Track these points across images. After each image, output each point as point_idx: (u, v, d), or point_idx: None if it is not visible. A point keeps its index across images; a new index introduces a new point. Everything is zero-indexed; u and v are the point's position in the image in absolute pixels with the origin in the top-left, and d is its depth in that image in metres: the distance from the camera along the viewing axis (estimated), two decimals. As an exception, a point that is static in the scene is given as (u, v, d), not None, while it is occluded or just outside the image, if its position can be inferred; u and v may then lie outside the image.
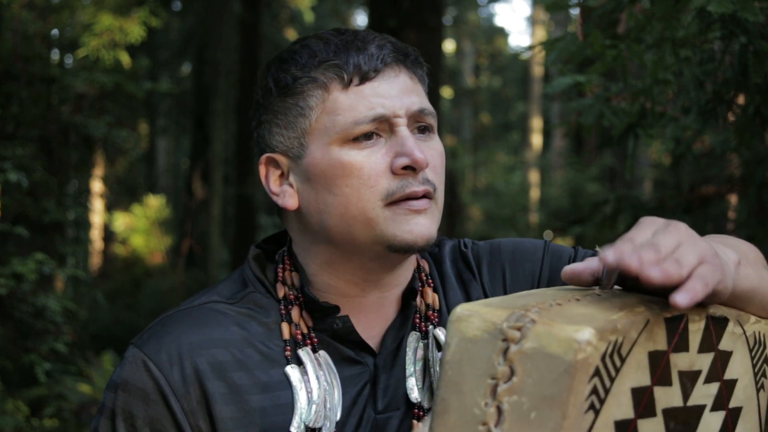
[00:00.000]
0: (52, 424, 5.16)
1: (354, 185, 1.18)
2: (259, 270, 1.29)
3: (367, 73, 1.20)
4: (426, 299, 1.31)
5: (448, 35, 21.98)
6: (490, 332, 0.87)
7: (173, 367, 1.18)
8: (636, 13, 2.31)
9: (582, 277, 0.98)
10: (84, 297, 8.51)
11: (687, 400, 0.98)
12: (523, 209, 16.58)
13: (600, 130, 2.97)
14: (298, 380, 1.20)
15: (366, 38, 1.22)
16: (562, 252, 1.36)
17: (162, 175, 18.86)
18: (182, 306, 1.26)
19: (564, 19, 18.42)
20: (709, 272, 0.91)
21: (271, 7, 12.92)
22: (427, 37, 6.99)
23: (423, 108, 1.22)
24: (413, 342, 1.27)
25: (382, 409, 1.24)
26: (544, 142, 20.44)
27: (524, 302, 0.90)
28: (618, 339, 0.87)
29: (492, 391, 0.86)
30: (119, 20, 5.14)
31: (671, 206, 3.58)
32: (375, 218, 1.18)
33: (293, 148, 1.23)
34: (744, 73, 2.17)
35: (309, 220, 1.24)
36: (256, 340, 1.22)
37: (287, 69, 1.23)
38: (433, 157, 1.22)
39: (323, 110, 1.20)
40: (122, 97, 4.92)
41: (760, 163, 2.96)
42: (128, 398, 1.18)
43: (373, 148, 1.19)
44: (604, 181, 12.84)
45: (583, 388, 0.84)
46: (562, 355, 0.83)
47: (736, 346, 1.06)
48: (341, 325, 1.23)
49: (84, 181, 6.44)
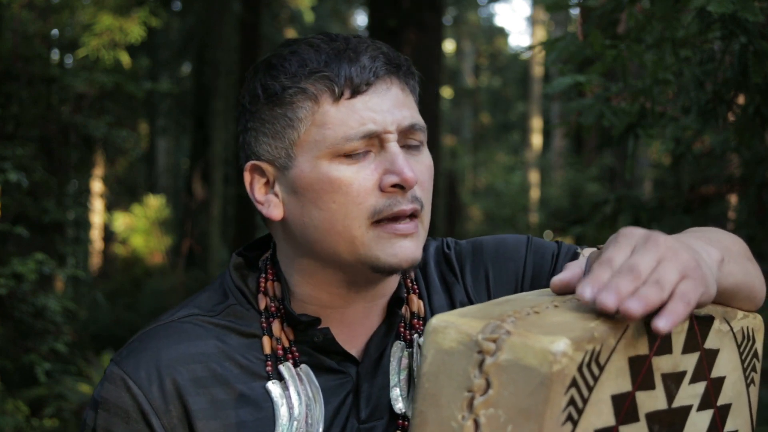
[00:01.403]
0: (52, 424, 5.16)
1: (341, 201, 1.16)
2: (240, 279, 1.26)
3: (359, 87, 1.16)
4: (411, 307, 1.29)
5: (448, 35, 21.97)
6: (465, 344, 0.86)
7: (152, 384, 1.16)
8: (636, 13, 2.31)
9: (572, 287, 0.96)
10: (84, 297, 8.51)
11: (672, 402, 0.97)
12: (523, 209, 16.58)
13: (600, 130, 2.97)
14: (279, 396, 1.19)
15: (358, 48, 1.19)
16: (545, 248, 1.34)
17: (162, 175, 18.86)
18: (161, 320, 1.24)
19: (564, 19, 18.42)
20: (690, 288, 0.90)
21: (271, 7, 12.92)
22: (427, 37, 6.99)
23: (414, 123, 1.19)
24: (398, 351, 1.25)
25: (365, 418, 1.22)
26: (544, 142, 20.43)
27: (500, 311, 0.89)
28: (595, 348, 0.86)
29: (469, 403, 0.85)
30: (119, 20, 5.14)
31: (671, 206, 3.58)
32: (359, 237, 1.16)
33: (280, 158, 1.20)
34: (744, 73, 2.17)
35: (293, 232, 1.21)
36: (236, 353, 1.20)
37: (276, 76, 1.19)
38: (422, 172, 1.20)
39: (312, 122, 1.17)
40: (122, 97, 4.92)
41: (760, 163, 2.97)
42: (108, 417, 1.17)
43: (363, 164, 1.16)
44: (604, 181, 12.85)
45: (560, 399, 0.83)
46: (538, 367, 0.82)
47: (723, 343, 1.05)
48: (322, 339, 1.21)
49: (84, 181, 6.44)
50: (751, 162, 3.06)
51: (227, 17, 10.67)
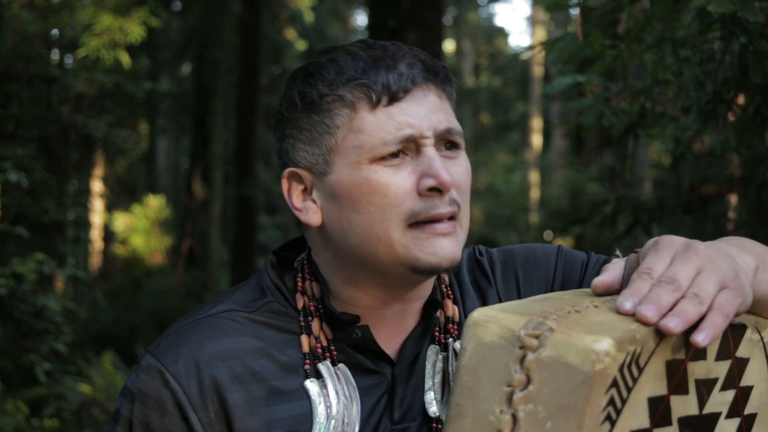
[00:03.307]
0: (52, 424, 5.16)
1: (379, 204, 1.16)
2: (278, 278, 1.27)
3: (396, 94, 1.17)
4: (446, 311, 1.30)
5: (448, 35, 21.97)
6: (507, 339, 0.86)
7: (191, 379, 1.17)
8: (636, 13, 2.31)
9: (613, 289, 0.98)
10: (84, 297, 8.51)
11: (703, 408, 0.97)
12: (523, 209, 16.57)
13: (600, 130, 2.97)
14: (317, 394, 1.19)
15: (395, 55, 1.20)
16: (575, 258, 1.35)
17: (162, 175, 18.85)
18: (198, 315, 1.24)
19: (564, 19, 18.41)
20: (729, 300, 0.91)
21: (271, 7, 12.92)
22: (427, 37, 6.99)
23: (450, 128, 1.21)
24: (432, 355, 1.26)
25: (399, 419, 1.23)
26: (544, 142, 20.42)
27: (542, 308, 0.89)
28: (636, 349, 0.86)
29: (508, 398, 0.85)
30: (119, 20, 5.14)
31: (671, 206, 3.58)
32: (398, 239, 1.17)
33: (318, 164, 1.21)
34: (744, 73, 2.17)
35: (332, 237, 1.22)
36: (274, 350, 1.21)
37: (314, 84, 1.20)
38: (460, 175, 1.21)
39: (350, 129, 1.18)
40: (122, 97, 4.92)
41: (760, 163, 2.96)
42: (145, 409, 1.17)
43: (400, 167, 1.17)
44: (604, 181, 12.84)
45: (600, 399, 0.83)
46: (580, 366, 0.82)
47: (753, 353, 1.06)
48: (361, 335, 1.22)
49: (84, 181, 6.44)
50: (751, 162, 3.06)
51: (227, 17, 10.66)
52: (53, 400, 5.24)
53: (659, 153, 3.88)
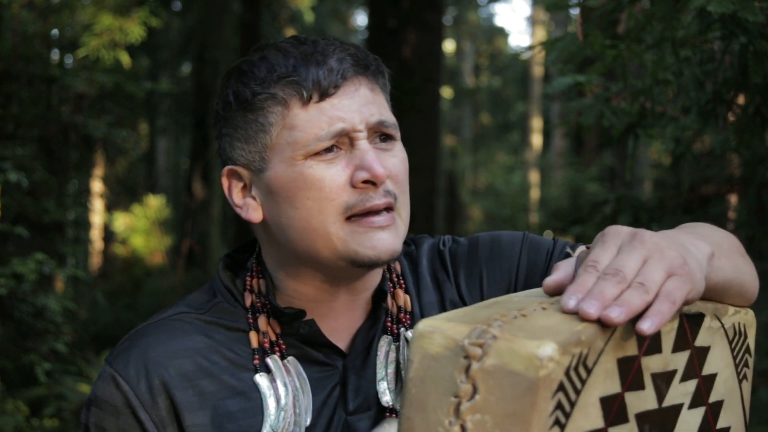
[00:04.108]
0: (52, 424, 5.16)
1: (315, 198, 1.18)
2: (229, 279, 1.30)
3: (327, 89, 1.19)
4: (398, 301, 1.31)
5: (448, 35, 21.97)
6: (451, 349, 0.86)
7: (140, 380, 1.20)
8: (636, 13, 2.31)
9: (564, 288, 0.96)
10: (84, 297, 8.51)
11: (662, 401, 0.97)
12: (523, 209, 16.58)
13: (600, 130, 2.97)
14: (267, 387, 1.22)
15: (326, 50, 1.21)
16: (540, 244, 1.35)
17: (162, 175, 18.86)
18: (151, 320, 1.28)
19: (564, 19, 18.42)
20: (677, 287, 0.89)
21: (271, 7, 12.92)
22: (427, 37, 6.99)
23: (383, 120, 1.22)
24: (384, 345, 1.28)
25: (353, 410, 1.24)
26: (544, 142, 20.43)
27: (487, 314, 0.88)
28: (583, 351, 0.85)
29: (455, 409, 0.85)
30: (119, 20, 5.14)
31: (671, 206, 3.58)
32: (335, 233, 1.19)
33: (254, 161, 1.23)
34: (744, 73, 2.17)
35: (273, 233, 1.25)
36: (223, 347, 1.24)
37: (246, 83, 1.22)
38: (395, 166, 1.22)
39: (284, 126, 1.20)
40: (122, 97, 4.92)
41: (760, 163, 2.96)
42: (100, 414, 1.21)
43: (334, 162, 1.19)
44: (604, 181, 12.84)
45: (547, 404, 0.83)
46: (524, 372, 0.82)
47: (714, 340, 1.05)
48: (307, 330, 1.24)
49: (84, 181, 6.44)
50: (751, 162, 3.06)
51: (227, 17, 10.67)
52: (53, 400, 5.24)
53: (659, 153, 3.88)
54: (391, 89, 1.30)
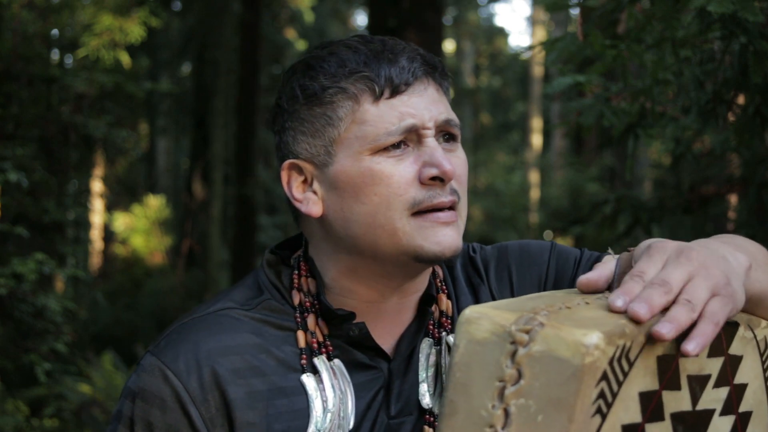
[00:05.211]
0: (52, 424, 5.16)
1: (382, 193, 1.19)
2: (274, 275, 1.29)
3: (399, 86, 1.20)
4: (440, 306, 1.32)
5: (448, 35, 21.97)
6: (498, 335, 0.87)
7: (191, 374, 1.18)
8: (636, 13, 2.31)
9: (598, 286, 0.99)
10: (84, 297, 8.52)
11: (696, 404, 0.98)
12: (523, 209, 16.57)
13: (600, 130, 2.97)
14: (313, 389, 1.21)
15: (395, 49, 1.23)
16: (568, 254, 1.37)
17: (162, 175, 18.85)
18: (197, 313, 1.26)
19: (564, 19, 18.41)
20: (720, 308, 0.91)
21: (271, 7, 12.92)
22: (427, 37, 6.98)
23: (450, 119, 1.24)
24: (426, 348, 1.28)
25: (395, 414, 1.24)
26: (544, 142, 20.42)
27: (533, 305, 0.90)
28: (626, 343, 0.87)
29: (499, 393, 0.86)
30: (119, 20, 5.14)
31: (671, 206, 3.58)
32: (401, 228, 1.19)
33: (319, 155, 1.23)
34: (744, 73, 2.17)
35: (333, 228, 1.24)
36: (272, 346, 1.23)
37: (315, 77, 1.22)
38: (459, 166, 1.23)
39: (353, 120, 1.20)
40: (122, 97, 4.92)
41: (760, 163, 2.96)
42: (146, 407, 1.18)
43: (402, 157, 1.20)
44: (604, 181, 12.83)
45: (591, 392, 0.84)
46: (570, 359, 0.83)
47: (746, 350, 1.06)
48: (357, 332, 1.23)
49: (84, 181, 6.44)
50: (751, 162, 3.06)
51: (227, 17, 10.67)
52: (53, 400, 5.24)
53: (659, 153, 3.88)
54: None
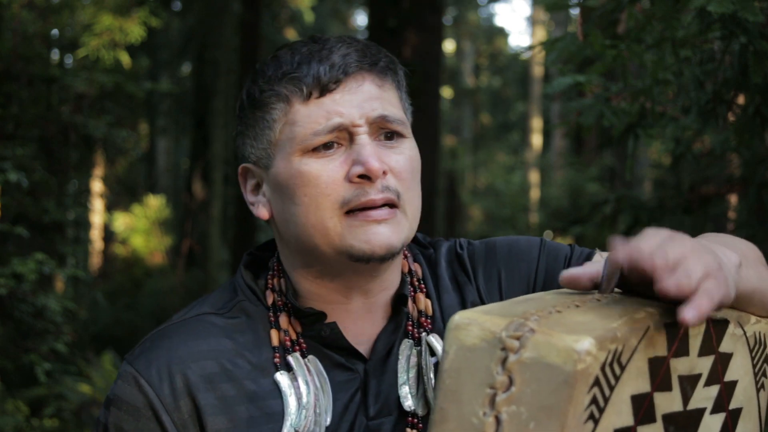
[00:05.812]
0: (52, 424, 5.16)
1: (312, 194, 1.19)
2: (251, 277, 1.29)
3: (327, 85, 1.19)
4: (418, 305, 1.30)
5: (448, 35, 21.97)
6: (488, 341, 0.87)
7: (163, 382, 1.19)
8: (636, 13, 2.31)
9: (580, 282, 0.97)
10: (84, 297, 8.52)
11: (687, 404, 0.97)
12: (523, 209, 16.57)
13: (600, 130, 2.97)
14: (287, 386, 1.21)
15: (333, 47, 1.21)
16: (558, 250, 1.35)
17: (162, 175, 18.85)
18: (173, 320, 1.27)
19: (564, 19, 18.41)
20: (714, 287, 0.91)
21: (271, 7, 12.92)
22: (427, 37, 6.99)
23: (385, 114, 1.21)
24: (406, 350, 1.27)
25: (374, 415, 1.23)
26: (544, 142, 20.42)
27: (523, 309, 0.89)
28: (618, 347, 0.86)
29: (490, 400, 0.85)
30: (119, 20, 5.14)
31: (671, 206, 3.58)
32: (333, 228, 1.18)
33: (263, 158, 1.24)
34: (744, 73, 2.17)
35: (280, 230, 1.26)
36: (246, 350, 1.23)
37: (256, 81, 1.25)
38: (398, 162, 1.21)
39: (285, 122, 1.21)
40: (122, 97, 4.93)
41: (760, 163, 2.96)
42: (119, 414, 1.20)
43: (332, 158, 1.19)
44: (604, 181, 12.83)
45: (583, 398, 0.83)
46: (562, 366, 0.82)
47: (736, 347, 1.06)
48: (329, 332, 1.23)
49: (84, 181, 6.44)
50: (751, 162, 3.06)
51: (227, 17, 10.66)
52: (53, 400, 5.24)
53: (659, 153, 3.89)
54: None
